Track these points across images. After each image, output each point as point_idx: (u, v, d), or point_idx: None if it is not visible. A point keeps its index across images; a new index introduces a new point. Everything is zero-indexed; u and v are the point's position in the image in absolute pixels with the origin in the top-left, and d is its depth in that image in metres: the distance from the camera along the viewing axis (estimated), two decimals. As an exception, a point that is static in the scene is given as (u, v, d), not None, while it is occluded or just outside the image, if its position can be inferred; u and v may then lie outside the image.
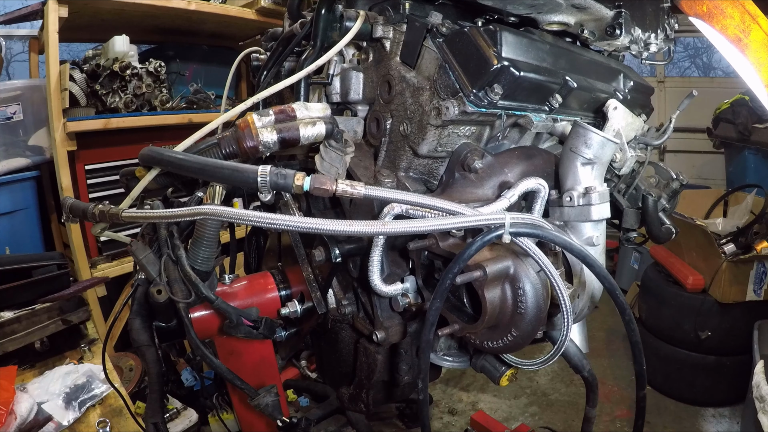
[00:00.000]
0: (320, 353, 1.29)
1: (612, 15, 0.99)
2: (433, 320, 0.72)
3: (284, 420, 1.00)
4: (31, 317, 1.57)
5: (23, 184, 2.51)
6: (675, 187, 1.27)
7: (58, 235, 2.79)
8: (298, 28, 1.08)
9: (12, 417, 1.21)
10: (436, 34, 0.88)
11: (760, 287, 2.59)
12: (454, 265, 0.69)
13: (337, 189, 0.70)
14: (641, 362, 0.78)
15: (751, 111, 3.36)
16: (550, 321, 0.81)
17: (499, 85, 0.82)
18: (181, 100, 2.85)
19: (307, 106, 0.91)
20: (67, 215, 1.02)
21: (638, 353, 0.77)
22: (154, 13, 2.58)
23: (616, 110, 1.06)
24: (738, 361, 2.64)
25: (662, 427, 2.73)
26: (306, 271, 1.05)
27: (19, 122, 2.51)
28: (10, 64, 3.21)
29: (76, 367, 1.53)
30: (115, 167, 2.55)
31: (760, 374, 1.70)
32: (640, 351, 0.77)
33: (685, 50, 4.76)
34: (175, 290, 0.88)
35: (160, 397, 0.99)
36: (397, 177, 0.95)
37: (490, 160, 0.92)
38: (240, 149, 0.86)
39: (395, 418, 2.71)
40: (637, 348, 0.76)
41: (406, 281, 0.92)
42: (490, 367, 0.95)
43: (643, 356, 0.78)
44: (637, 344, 0.76)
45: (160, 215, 0.81)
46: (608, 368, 3.22)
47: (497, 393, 3.00)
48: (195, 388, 2.43)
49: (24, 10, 2.45)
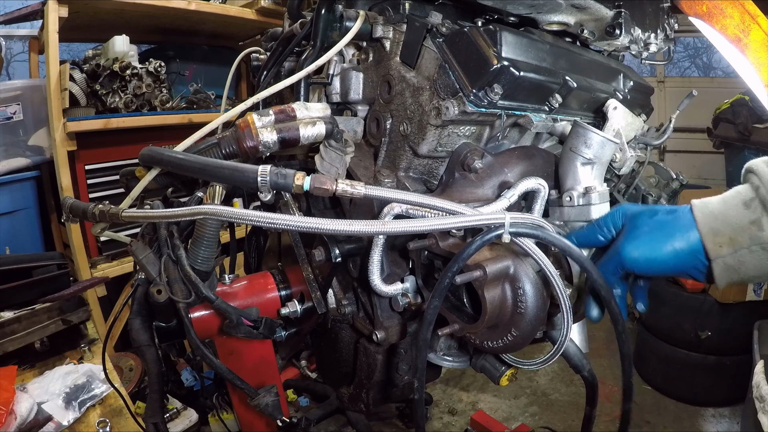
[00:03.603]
0: (320, 353, 1.29)
1: (612, 15, 0.99)
2: (431, 319, 0.72)
3: (284, 420, 1.00)
4: (31, 317, 1.57)
5: (23, 184, 2.51)
6: (675, 187, 1.27)
7: (58, 235, 2.79)
8: (298, 28, 1.08)
9: (12, 417, 1.21)
10: (436, 34, 0.88)
11: (760, 287, 2.59)
12: (453, 264, 0.69)
13: (337, 189, 0.70)
14: (629, 375, 0.76)
15: (751, 111, 3.36)
16: (550, 321, 0.81)
17: (498, 85, 0.82)
18: (181, 100, 2.85)
19: (307, 106, 0.91)
20: (67, 215, 1.02)
21: (627, 365, 0.75)
22: (154, 13, 2.58)
23: (616, 110, 1.06)
24: (738, 361, 2.64)
25: (662, 427, 2.73)
26: (306, 271, 1.05)
27: (19, 122, 2.51)
28: (10, 64, 3.21)
29: (76, 367, 1.53)
30: (115, 167, 2.55)
31: (760, 374, 1.70)
32: (630, 363, 0.75)
33: (685, 50, 4.76)
34: (175, 290, 0.88)
35: (160, 397, 0.99)
36: (397, 177, 0.95)
37: (490, 160, 0.92)
38: (240, 149, 0.86)
39: (395, 418, 2.72)
40: (627, 360, 0.74)
41: (406, 281, 0.92)
42: (490, 367, 0.95)
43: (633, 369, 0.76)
44: (628, 356, 0.74)
45: (160, 215, 0.81)
46: (608, 368, 3.22)
47: (497, 393, 3.01)
48: (195, 388, 2.43)
49: (24, 10, 2.45)
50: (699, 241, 0.69)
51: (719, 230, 0.67)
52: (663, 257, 0.71)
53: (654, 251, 0.71)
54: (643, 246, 0.72)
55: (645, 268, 0.72)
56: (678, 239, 0.70)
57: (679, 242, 0.70)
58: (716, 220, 0.68)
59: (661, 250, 0.70)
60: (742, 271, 0.67)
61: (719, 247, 0.67)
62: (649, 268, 0.72)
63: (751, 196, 0.67)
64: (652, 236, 0.71)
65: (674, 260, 0.70)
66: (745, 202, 0.67)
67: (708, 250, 0.68)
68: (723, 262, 0.67)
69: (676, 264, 0.71)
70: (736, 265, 0.67)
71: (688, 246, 0.69)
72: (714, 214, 0.69)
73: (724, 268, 0.67)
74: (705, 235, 0.68)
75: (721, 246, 0.67)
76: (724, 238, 0.67)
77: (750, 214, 0.66)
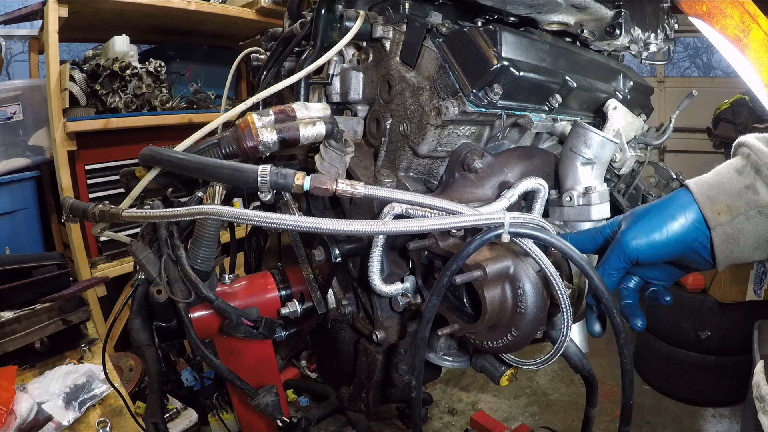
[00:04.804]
0: (320, 353, 1.29)
1: (612, 15, 0.99)
2: (429, 317, 0.72)
3: (284, 420, 1.00)
4: (31, 317, 1.57)
5: (23, 184, 2.51)
6: (675, 187, 1.27)
7: (58, 235, 2.79)
8: (298, 28, 1.08)
9: (12, 417, 1.21)
10: (436, 34, 0.88)
11: (760, 287, 2.59)
12: (452, 264, 0.69)
13: (337, 189, 0.70)
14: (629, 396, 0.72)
15: (751, 111, 3.36)
16: (550, 321, 0.81)
17: (498, 85, 0.82)
18: (181, 100, 2.85)
19: (307, 106, 0.91)
20: (67, 215, 1.02)
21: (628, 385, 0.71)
22: (154, 13, 2.58)
23: (616, 110, 1.06)
24: (738, 361, 2.64)
25: (662, 427, 2.73)
26: (306, 271, 1.05)
27: (19, 122, 2.51)
28: (10, 64, 3.21)
29: (76, 367, 1.53)
30: (115, 167, 2.55)
31: (760, 374, 1.70)
32: (630, 383, 0.71)
33: (685, 50, 4.76)
34: (175, 290, 0.88)
35: (160, 397, 0.99)
36: (397, 177, 0.95)
37: (489, 160, 0.92)
38: (240, 149, 0.86)
39: (395, 418, 2.72)
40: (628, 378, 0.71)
41: (406, 281, 0.93)
42: (490, 367, 0.95)
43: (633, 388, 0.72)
44: (629, 373, 0.70)
45: (160, 215, 0.81)
46: (608, 368, 3.22)
47: (497, 393, 3.01)
48: (195, 388, 2.43)
49: (24, 10, 2.44)
50: (698, 211, 0.68)
51: (716, 197, 0.67)
52: (666, 238, 0.69)
53: (656, 233, 0.70)
54: (644, 230, 0.70)
55: (649, 253, 0.70)
56: (678, 216, 0.69)
57: (680, 219, 0.69)
58: (711, 188, 0.69)
59: (662, 230, 0.69)
60: (741, 241, 0.66)
61: (717, 214, 0.67)
62: (653, 253, 0.70)
63: (743, 163, 0.68)
64: (652, 219, 0.71)
65: (677, 238, 0.69)
66: (738, 169, 0.68)
67: (707, 219, 0.67)
68: (722, 231, 0.67)
69: (680, 241, 0.69)
70: (735, 233, 0.66)
71: (688, 220, 0.69)
72: (708, 183, 0.70)
73: (723, 237, 0.67)
74: (703, 204, 0.68)
75: (719, 213, 0.67)
76: (721, 205, 0.67)
77: (744, 180, 0.67)
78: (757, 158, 0.66)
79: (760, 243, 0.66)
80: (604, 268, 0.74)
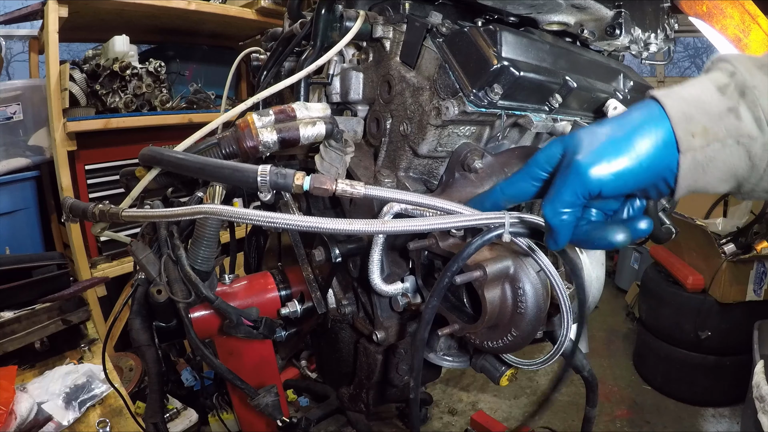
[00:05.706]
0: (320, 353, 1.29)
1: (612, 15, 0.99)
2: (429, 318, 0.72)
3: (284, 420, 1.00)
4: (31, 317, 1.57)
5: (23, 184, 2.51)
6: (675, 187, 1.27)
7: (58, 235, 2.79)
8: (298, 28, 1.08)
9: (12, 417, 1.21)
10: (436, 34, 0.88)
11: (760, 287, 2.59)
12: (452, 264, 0.69)
13: (337, 188, 0.70)
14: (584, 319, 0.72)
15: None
16: (550, 321, 0.81)
17: (499, 85, 0.82)
18: (181, 100, 2.85)
19: (307, 106, 0.91)
20: (67, 215, 1.03)
21: None
22: (154, 13, 2.58)
23: (616, 110, 1.06)
24: (738, 361, 2.64)
25: (662, 427, 2.73)
26: (306, 271, 1.05)
27: (19, 122, 2.51)
28: (10, 64, 3.22)
29: (76, 367, 1.53)
30: (115, 167, 2.55)
31: (760, 374, 1.70)
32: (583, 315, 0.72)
33: (685, 50, 4.76)
34: (175, 290, 0.88)
35: (160, 397, 0.99)
36: (397, 177, 0.95)
37: (490, 160, 0.92)
38: (240, 149, 0.86)
39: (395, 418, 2.72)
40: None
41: (406, 281, 0.93)
42: (490, 367, 0.95)
43: None
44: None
45: (160, 215, 0.81)
46: (608, 368, 3.22)
47: (497, 393, 3.01)
48: (195, 388, 2.43)
49: (24, 10, 2.44)
50: (670, 130, 0.54)
51: (693, 116, 0.54)
52: (635, 164, 0.55)
53: (623, 156, 0.55)
54: (606, 152, 0.55)
55: (615, 184, 0.55)
56: (647, 134, 0.55)
57: (650, 137, 0.54)
58: (689, 104, 0.55)
59: (630, 152, 0.54)
60: (709, 171, 0.54)
61: (691, 137, 0.53)
62: (619, 184, 0.55)
63: (725, 82, 0.55)
64: (616, 141, 0.55)
65: (647, 163, 0.55)
66: (719, 87, 0.55)
67: (679, 140, 0.54)
68: (692, 156, 0.54)
69: (651, 168, 0.55)
70: (705, 162, 0.54)
71: (659, 139, 0.54)
72: (684, 97, 0.56)
73: (692, 164, 0.54)
74: (677, 122, 0.54)
75: (693, 136, 0.53)
76: (697, 126, 0.53)
77: (726, 101, 0.54)
78: (743, 79, 0.54)
79: (728, 176, 0.55)
80: (554, 207, 0.57)
